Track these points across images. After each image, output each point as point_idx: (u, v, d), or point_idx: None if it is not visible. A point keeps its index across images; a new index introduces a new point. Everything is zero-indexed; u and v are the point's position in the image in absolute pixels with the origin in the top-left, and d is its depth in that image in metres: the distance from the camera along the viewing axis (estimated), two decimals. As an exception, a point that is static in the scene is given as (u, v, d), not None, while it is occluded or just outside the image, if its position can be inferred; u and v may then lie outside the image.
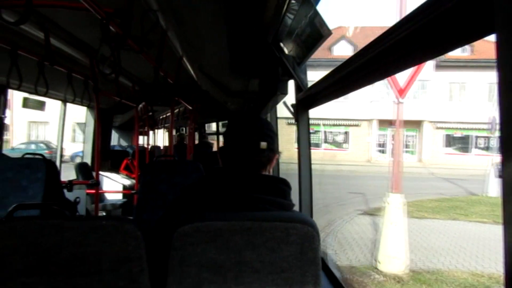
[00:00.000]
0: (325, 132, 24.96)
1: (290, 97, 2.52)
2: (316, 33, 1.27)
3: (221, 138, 9.11)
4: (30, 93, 3.38)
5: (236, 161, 1.16)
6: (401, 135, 6.17)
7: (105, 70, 2.23)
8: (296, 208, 1.20)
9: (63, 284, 1.02)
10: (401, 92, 6.03)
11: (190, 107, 5.63)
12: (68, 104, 4.60)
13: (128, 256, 1.03)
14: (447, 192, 12.89)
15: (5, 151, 2.96)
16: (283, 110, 2.27)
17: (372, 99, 22.85)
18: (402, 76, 5.95)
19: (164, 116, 8.66)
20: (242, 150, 1.15)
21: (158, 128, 10.01)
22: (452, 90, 23.39)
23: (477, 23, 0.64)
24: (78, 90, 3.47)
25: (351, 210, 9.89)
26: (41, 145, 20.49)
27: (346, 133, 25.21)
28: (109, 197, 5.34)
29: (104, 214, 4.78)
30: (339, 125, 24.71)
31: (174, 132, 9.10)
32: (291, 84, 2.45)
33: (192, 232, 1.01)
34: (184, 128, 9.77)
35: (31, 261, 1.02)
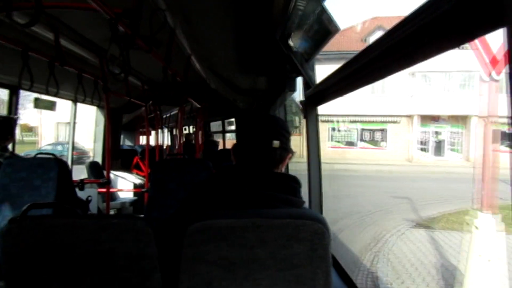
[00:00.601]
0: (361, 129, 22.75)
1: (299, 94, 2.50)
2: (324, 29, 1.27)
3: (227, 136, 9.12)
4: (41, 93, 3.43)
5: (248, 158, 1.17)
6: (491, 129, 4.23)
7: (115, 70, 2.25)
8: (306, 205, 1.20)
9: (77, 282, 1.04)
10: (495, 63, 3.79)
11: (199, 106, 5.65)
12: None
13: (140, 253, 1.04)
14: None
15: (34, 152, 3.02)
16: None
17: (412, 93, 20.88)
18: (495, 40, 3.70)
19: (168, 115, 8.68)
20: (255, 148, 1.16)
21: (162, 128, 10.04)
22: (503, 81, 20.54)
23: (485, 17, 0.63)
24: (88, 90, 3.51)
25: (400, 221, 8.09)
26: (68, 145, 20.23)
27: (383, 130, 22.65)
28: (121, 195, 5.40)
29: (115, 212, 4.84)
30: (376, 122, 22.30)
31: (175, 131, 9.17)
32: (298, 81, 2.44)
33: (203, 230, 1.02)
34: (187, 127, 9.77)
35: (45, 259, 1.03)
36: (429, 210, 8.91)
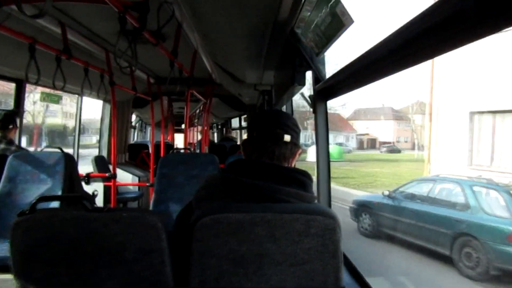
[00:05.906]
0: None
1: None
2: (337, 22, 1.25)
3: (244, 132, 9.17)
4: (48, 87, 3.43)
5: (259, 153, 1.16)
6: None
7: (122, 63, 2.25)
8: None
9: (87, 275, 1.04)
10: None
11: (204, 100, 5.64)
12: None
13: (150, 247, 1.04)
14: None
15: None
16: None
17: None
18: None
19: (194, 113, 8.60)
20: (266, 142, 1.15)
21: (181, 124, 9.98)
22: None
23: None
24: (94, 84, 3.51)
25: None
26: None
27: None
28: (125, 189, 5.41)
29: (121, 206, 4.86)
30: None
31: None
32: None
33: (213, 224, 1.01)
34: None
35: (56, 252, 1.03)
36: None
